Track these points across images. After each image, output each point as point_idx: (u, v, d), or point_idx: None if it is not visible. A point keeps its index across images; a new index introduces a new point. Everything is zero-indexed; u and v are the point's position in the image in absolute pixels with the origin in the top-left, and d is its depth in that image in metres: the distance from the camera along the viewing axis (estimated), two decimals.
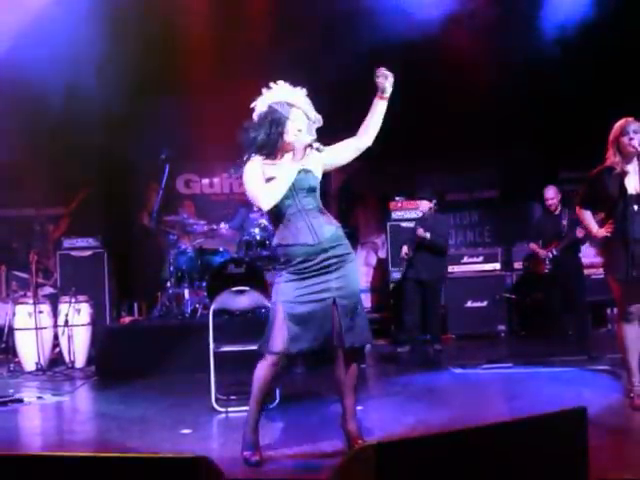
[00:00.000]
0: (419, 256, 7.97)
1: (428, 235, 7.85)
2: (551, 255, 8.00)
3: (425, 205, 8.15)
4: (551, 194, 8.11)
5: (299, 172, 4.02)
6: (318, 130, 4.16)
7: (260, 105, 4.13)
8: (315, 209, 4.08)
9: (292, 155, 4.02)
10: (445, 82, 9.27)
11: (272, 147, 4.04)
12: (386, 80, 3.94)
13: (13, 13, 8.12)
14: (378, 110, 4.02)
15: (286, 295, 3.98)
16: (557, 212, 8.09)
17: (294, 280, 3.99)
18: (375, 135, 4.07)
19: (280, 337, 3.93)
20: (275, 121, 4.03)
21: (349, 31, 8.65)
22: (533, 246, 8.32)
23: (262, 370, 4.05)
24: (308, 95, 4.13)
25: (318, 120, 4.13)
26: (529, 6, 9.23)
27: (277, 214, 4.04)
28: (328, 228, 4.06)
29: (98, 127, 9.26)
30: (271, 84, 4.14)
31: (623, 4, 8.39)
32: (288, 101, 4.07)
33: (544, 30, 9.21)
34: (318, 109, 4.14)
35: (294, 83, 4.19)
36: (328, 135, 4.14)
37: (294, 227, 4.00)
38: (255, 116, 4.14)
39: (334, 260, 4.01)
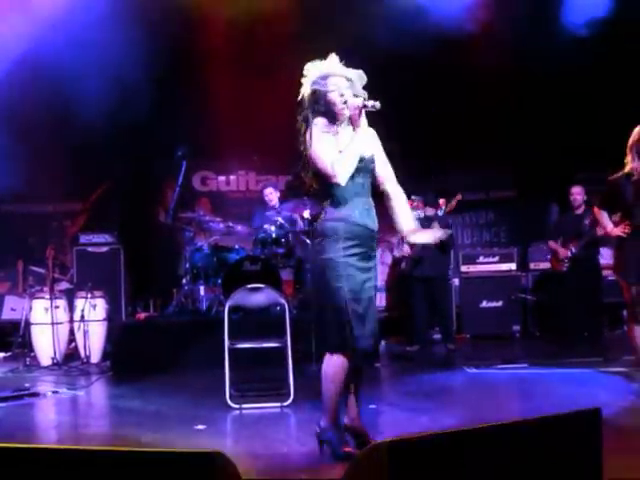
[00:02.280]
0: (425, 253, 7.94)
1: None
2: (570, 253, 7.96)
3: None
4: (577, 190, 8.06)
5: (369, 155, 3.92)
6: None
7: (304, 92, 3.95)
8: (371, 194, 4.00)
9: (352, 127, 3.85)
10: (462, 83, 9.25)
11: (330, 116, 3.88)
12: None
13: (39, 12, 8.18)
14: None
15: (351, 285, 3.78)
16: (580, 211, 8.04)
17: (356, 269, 3.79)
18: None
19: (348, 333, 3.75)
20: (316, 99, 3.88)
21: (374, 30, 8.63)
22: (553, 245, 8.25)
23: (332, 367, 3.86)
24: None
25: (360, 76, 3.94)
26: (549, 7, 9.19)
27: (346, 189, 3.83)
28: (375, 218, 3.98)
29: (115, 124, 9.30)
30: (304, 70, 3.96)
31: None
32: (323, 74, 3.89)
33: (562, 31, 9.16)
34: None
35: None
36: None
37: (360, 207, 3.87)
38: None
39: (374, 254, 3.96)
